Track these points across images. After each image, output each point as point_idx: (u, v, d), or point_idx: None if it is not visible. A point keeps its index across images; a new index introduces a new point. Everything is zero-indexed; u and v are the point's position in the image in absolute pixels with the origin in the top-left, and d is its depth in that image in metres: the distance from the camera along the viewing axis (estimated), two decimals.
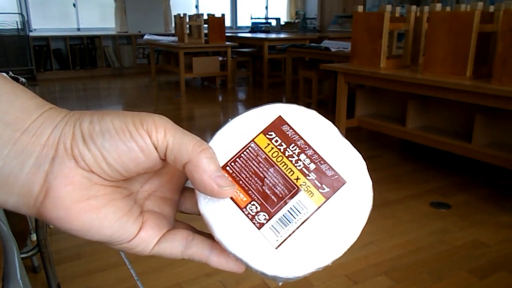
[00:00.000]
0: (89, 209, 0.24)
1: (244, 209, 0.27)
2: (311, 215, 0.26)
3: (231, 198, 0.27)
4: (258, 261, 0.26)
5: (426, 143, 2.67)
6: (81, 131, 0.23)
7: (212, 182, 0.24)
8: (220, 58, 5.63)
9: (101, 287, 1.58)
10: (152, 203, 0.29)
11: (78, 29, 7.15)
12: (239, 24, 8.71)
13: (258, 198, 0.27)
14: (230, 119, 0.29)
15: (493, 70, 2.14)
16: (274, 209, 0.26)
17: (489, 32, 2.38)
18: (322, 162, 0.27)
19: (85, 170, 0.24)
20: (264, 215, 0.26)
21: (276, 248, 0.26)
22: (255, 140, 0.28)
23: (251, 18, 8.09)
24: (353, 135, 3.42)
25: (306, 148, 0.27)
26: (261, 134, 0.28)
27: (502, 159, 2.24)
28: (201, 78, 6.19)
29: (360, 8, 2.89)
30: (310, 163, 0.27)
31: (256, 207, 0.26)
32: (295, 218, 0.26)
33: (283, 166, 0.27)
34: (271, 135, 0.28)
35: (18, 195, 0.23)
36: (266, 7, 8.96)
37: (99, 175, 0.24)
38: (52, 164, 0.23)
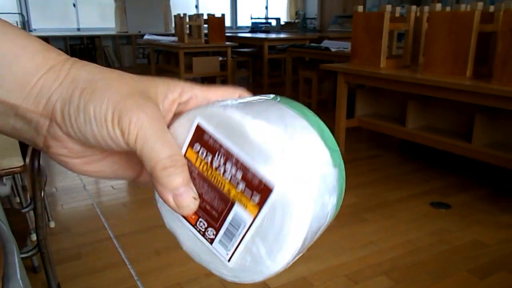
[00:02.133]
0: (89, 162, 0.28)
1: (196, 226, 0.27)
2: (250, 226, 0.25)
3: (184, 216, 0.27)
4: (218, 271, 0.27)
5: (426, 143, 2.67)
6: (69, 115, 0.25)
7: (171, 199, 0.25)
8: (220, 58, 5.63)
9: (101, 287, 1.58)
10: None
11: (78, 29, 7.16)
12: (239, 24, 8.72)
13: (203, 215, 0.26)
14: None
15: (493, 70, 2.14)
16: (218, 224, 0.26)
17: (489, 32, 2.38)
18: (246, 169, 0.24)
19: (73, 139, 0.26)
20: (211, 230, 0.26)
21: (229, 261, 0.26)
22: (186, 156, 0.26)
23: (251, 18, 8.09)
24: (353, 135, 3.43)
25: (229, 155, 0.25)
26: (189, 148, 0.26)
27: (502, 159, 2.24)
28: (201, 78, 6.19)
29: (360, 8, 2.89)
30: (236, 172, 0.25)
31: (204, 224, 0.26)
32: (237, 230, 0.25)
33: (214, 180, 0.25)
34: (196, 147, 0.26)
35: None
36: (266, 7, 8.97)
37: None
38: (48, 131, 0.26)
